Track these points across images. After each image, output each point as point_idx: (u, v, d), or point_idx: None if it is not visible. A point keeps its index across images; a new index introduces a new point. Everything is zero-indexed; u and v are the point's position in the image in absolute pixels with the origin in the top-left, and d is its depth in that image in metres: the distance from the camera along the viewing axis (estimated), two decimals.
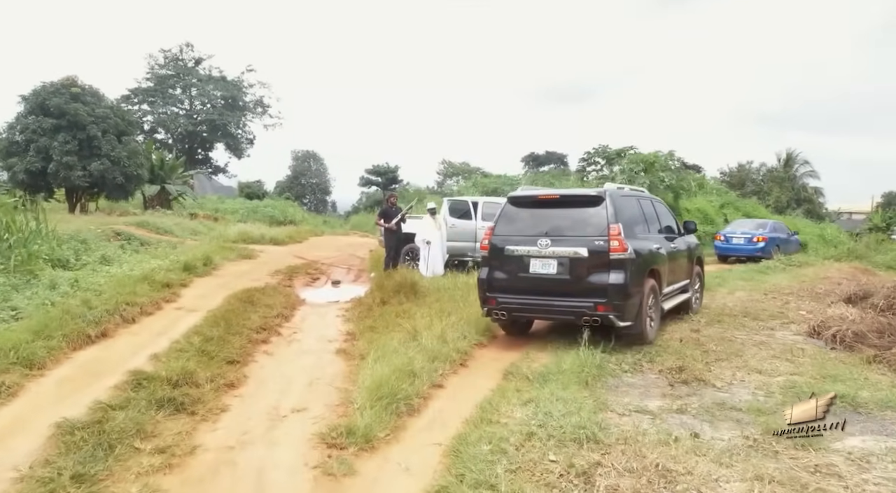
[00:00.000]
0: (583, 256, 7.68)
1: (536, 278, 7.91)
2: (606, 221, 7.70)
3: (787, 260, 18.81)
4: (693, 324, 9.65)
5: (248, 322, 8.72)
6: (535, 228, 8.04)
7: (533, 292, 7.98)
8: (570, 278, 7.75)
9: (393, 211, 13.99)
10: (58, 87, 27.30)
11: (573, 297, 7.74)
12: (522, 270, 7.99)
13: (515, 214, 8.39)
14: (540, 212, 8.33)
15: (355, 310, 10.18)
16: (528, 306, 8.08)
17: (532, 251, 7.91)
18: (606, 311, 7.56)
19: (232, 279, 13.11)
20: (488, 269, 8.34)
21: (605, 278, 7.58)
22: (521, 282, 8.02)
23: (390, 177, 56.65)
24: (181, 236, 20.42)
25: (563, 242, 7.79)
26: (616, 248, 7.58)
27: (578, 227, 7.89)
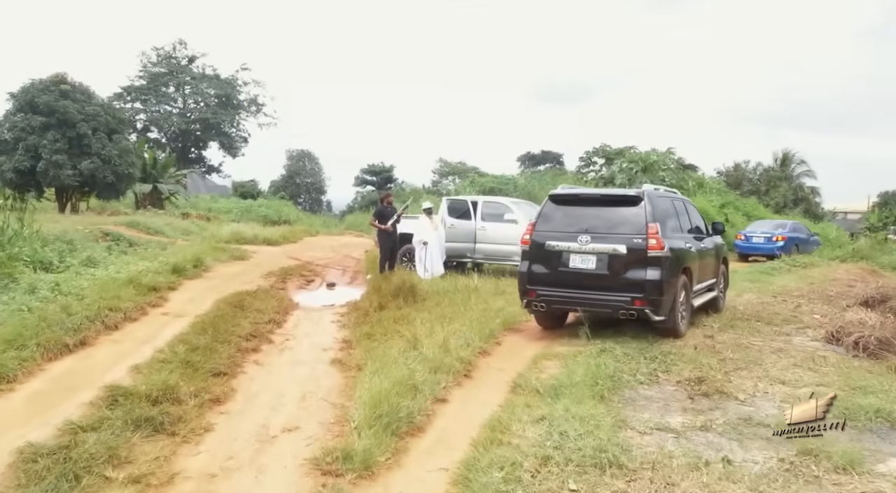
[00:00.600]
0: (621, 253, 7.99)
1: (576, 272, 8.22)
2: (645, 221, 8.01)
3: (791, 261, 18.36)
4: (706, 329, 9.17)
5: (238, 329, 8.19)
6: (575, 226, 8.36)
7: (572, 286, 8.27)
8: (609, 274, 8.06)
9: (388, 211, 13.47)
10: (47, 84, 26.69)
11: (611, 291, 8.06)
12: (562, 264, 8.31)
13: (556, 212, 8.72)
14: (580, 210, 8.65)
15: (351, 315, 9.66)
16: (567, 298, 8.37)
17: (572, 247, 8.22)
18: (643, 305, 7.85)
19: (223, 282, 12.58)
20: (528, 263, 8.63)
21: (643, 275, 7.88)
22: (560, 276, 8.32)
23: (385, 176, 56.07)
24: (172, 237, 19.85)
25: (603, 239, 8.10)
26: (654, 246, 7.88)
27: (617, 225, 8.21)
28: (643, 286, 7.85)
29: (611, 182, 24.41)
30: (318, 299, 11.70)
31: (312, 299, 11.68)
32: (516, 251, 13.85)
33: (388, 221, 13.26)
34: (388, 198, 14.00)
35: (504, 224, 13.87)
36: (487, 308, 9.96)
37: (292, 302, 10.89)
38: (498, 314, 9.42)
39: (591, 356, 7.30)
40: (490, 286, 12.16)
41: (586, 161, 27.35)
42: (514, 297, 11.19)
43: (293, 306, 10.61)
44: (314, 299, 11.69)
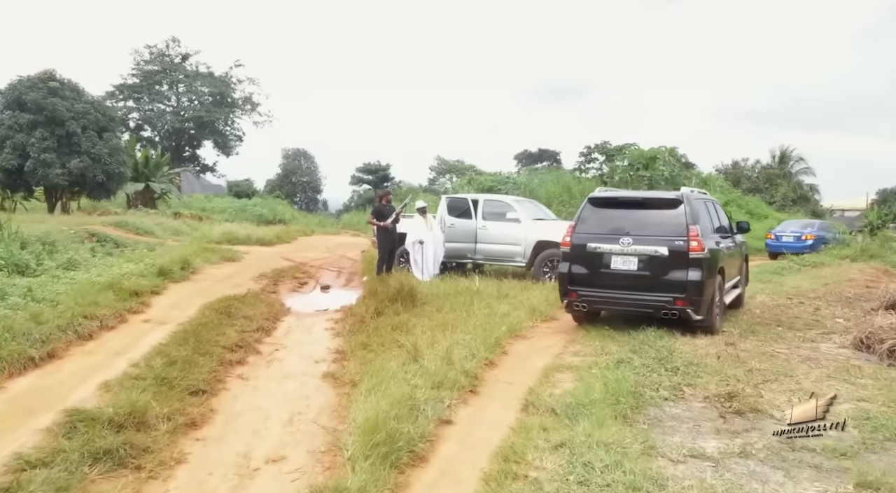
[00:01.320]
0: (663, 254, 8.12)
1: (617, 273, 8.33)
2: (685, 223, 8.14)
3: (800, 260, 17.74)
4: (726, 336, 8.51)
5: (223, 338, 7.50)
6: (616, 228, 8.47)
7: (613, 287, 8.39)
8: (650, 274, 8.18)
9: (387, 209, 12.79)
10: (35, 81, 25.91)
11: (652, 291, 8.18)
12: (604, 266, 8.41)
13: (596, 214, 8.80)
14: (619, 212, 8.79)
15: (346, 322, 8.98)
16: (608, 298, 8.53)
17: (614, 249, 8.32)
18: (684, 305, 8.00)
19: (211, 285, 11.90)
20: (569, 264, 8.70)
21: (684, 276, 8.02)
22: (602, 277, 8.42)
23: (382, 175, 55.42)
24: (162, 237, 19.15)
25: (645, 241, 8.21)
26: (695, 248, 8.02)
27: (659, 227, 8.33)
28: (685, 287, 8.00)
29: (611, 179, 23.76)
30: (311, 304, 11.01)
31: (305, 304, 10.99)
32: (519, 252, 13.25)
33: (386, 219, 12.58)
34: (387, 196, 13.32)
35: (506, 223, 13.20)
36: (491, 313, 9.30)
37: (283, 307, 10.20)
38: (503, 320, 8.77)
39: (607, 369, 6.65)
40: (492, 289, 11.50)
41: (586, 158, 26.66)
42: (518, 300, 10.56)
43: (284, 311, 9.91)
44: (307, 304, 11.00)
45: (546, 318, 9.67)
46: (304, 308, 10.51)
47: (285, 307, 10.18)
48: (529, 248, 12.95)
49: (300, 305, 10.86)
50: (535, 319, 9.43)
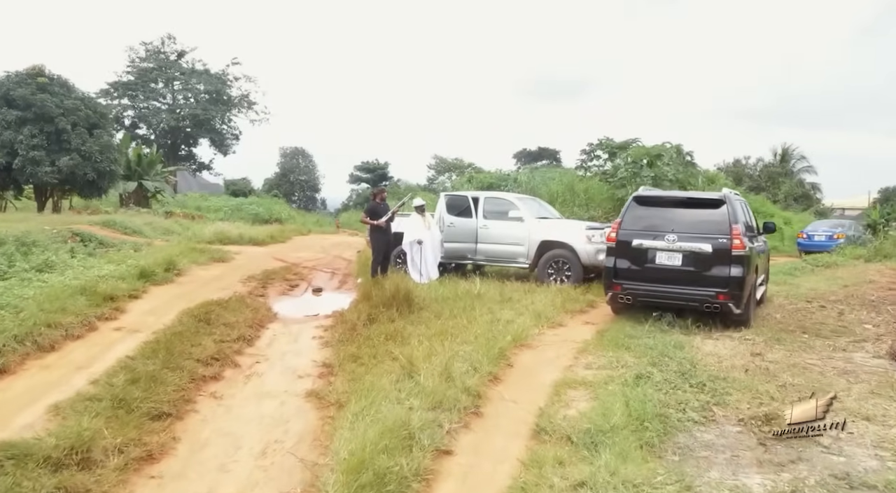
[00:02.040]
0: (707, 251, 8.44)
1: (662, 268, 8.68)
2: (728, 222, 8.49)
3: (813, 260, 16.98)
4: (751, 345, 7.76)
5: (198, 350, 6.74)
6: (661, 225, 8.79)
7: (657, 281, 8.71)
8: (694, 270, 8.52)
9: (382, 208, 12.01)
10: (23, 77, 25.11)
11: (695, 286, 8.49)
12: (649, 261, 8.78)
13: (641, 212, 9.12)
14: (663, 211, 9.12)
15: (336, 329, 8.21)
16: (653, 292, 8.76)
17: (659, 245, 8.67)
18: (726, 300, 8.30)
19: (196, 288, 11.14)
20: (614, 259, 9.03)
21: (727, 272, 8.35)
22: (646, 272, 8.77)
23: (380, 173, 54.60)
24: (151, 237, 18.35)
25: (689, 239, 8.55)
26: (737, 246, 8.35)
27: (703, 226, 8.66)
28: (727, 282, 8.32)
29: (613, 176, 22.93)
30: (300, 309, 10.24)
31: (294, 309, 10.22)
32: (522, 252, 12.48)
33: (381, 218, 11.82)
34: (382, 194, 12.52)
35: (508, 222, 12.42)
36: (494, 320, 8.55)
37: (270, 313, 9.42)
38: (507, 328, 8.01)
39: (625, 385, 5.90)
40: (494, 292, 10.74)
41: (588, 155, 25.77)
42: (522, 305, 9.81)
43: (270, 317, 9.14)
44: (296, 309, 10.24)
45: (553, 324, 8.91)
46: (293, 314, 9.74)
47: (272, 313, 9.41)
48: (533, 248, 12.18)
49: (288, 309, 10.10)
50: (541, 325, 8.68)
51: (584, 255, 11.71)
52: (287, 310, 10.04)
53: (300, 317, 9.53)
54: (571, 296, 10.64)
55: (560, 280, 11.81)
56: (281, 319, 9.21)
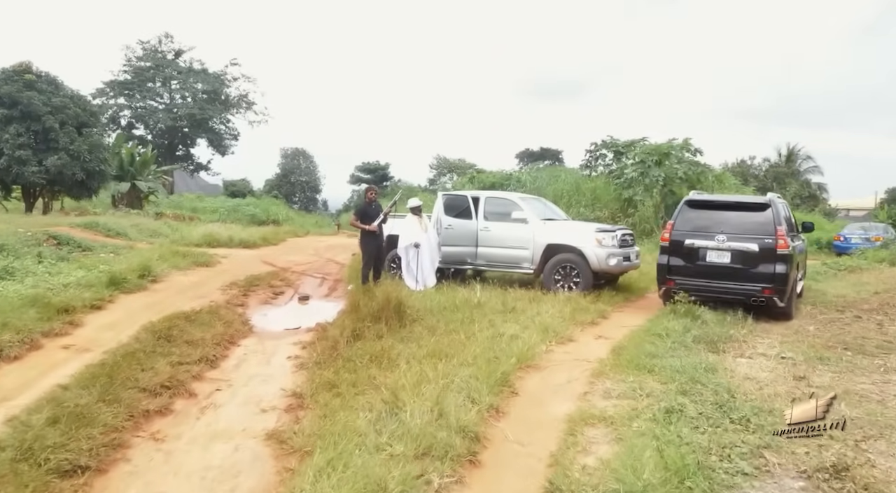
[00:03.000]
0: (754, 250, 9.16)
1: (712, 265, 9.42)
2: (773, 224, 9.21)
3: (834, 264, 15.89)
4: (791, 365, 6.70)
5: (147, 376, 5.68)
6: (711, 226, 9.54)
7: (708, 277, 9.43)
8: (742, 267, 9.24)
9: (372, 209, 10.95)
10: (10, 74, 24.10)
11: (743, 282, 9.23)
12: (700, 259, 9.52)
13: (692, 215, 9.86)
14: (713, 213, 9.80)
15: (316, 346, 7.13)
16: (703, 287, 9.41)
17: (710, 244, 9.42)
18: (771, 294, 9.00)
19: (170, 296, 10.11)
20: (667, 256, 9.79)
21: (772, 269, 9.04)
22: (698, 268, 9.51)
23: (381, 174, 53.73)
24: (135, 239, 17.30)
25: (738, 239, 9.28)
26: (781, 245, 9.07)
27: (750, 227, 9.35)
28: (773, 278, 9.03)
29: (620, 176, 21.84)
30: (281, 320, 9.17)
31: (274, 321, 9.15)
32: (527, 257, 11.40)
33: (372, 220, 10.76)
34: (372, 194, 11.45)
35: (511, 224, 11.34)
36: (496, 335, 7.50)
37: (245, 326, 8.34)
38: (511, 345, 6.96)
39: (654, 421, 4.84)
40: (496, 301, 9.68)
41: (593, 155, 24.72)
42: (527, 316, 8.75)
43: (245, 331, 8.05)
44: (277, 320, 9.16)
45: (562, 339, 7.85)
46: (272, 326, 8.67)
47: (247, 326, 8.33)
48: (538, 252, 11.10)
49: (268, 322, 9.03)
50: (549, 341, 7.62)
51: (594, 259, 10.64)
52: (266, 322, 8.98)
53: (280, 330, 8.46)
54: (581, 305, 9.58)
55: (568, 287, 10.74)
56: (257, 333, 8.14)
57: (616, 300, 10.59)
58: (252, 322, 8.77)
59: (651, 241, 19.12)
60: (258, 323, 8.76)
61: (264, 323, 8.89)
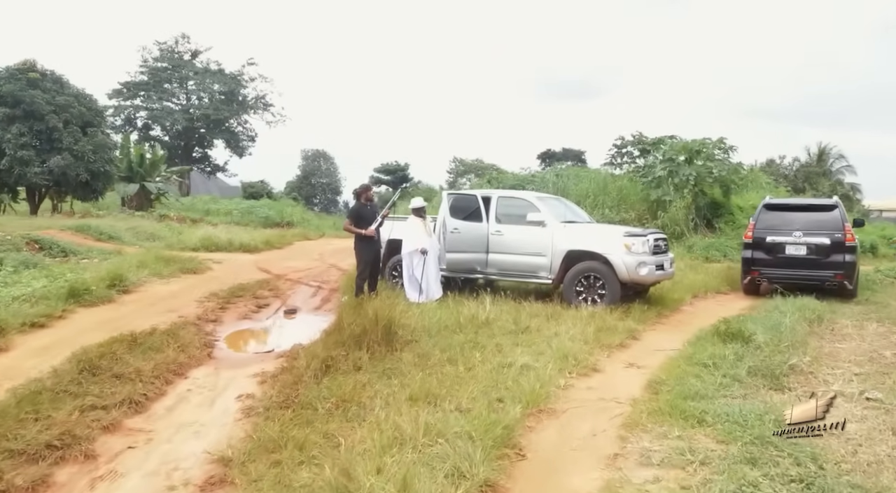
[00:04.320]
0: (826, 243, 10.90)
1: (790, 257, 11.06)
2: (841, 221, 11.03)
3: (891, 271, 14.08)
4: (882, 411, 5.09)
5: (35, 429, 4.25)
6: (788, 225, 11.23)
7: (787, 267, 11.06)
8: (816, 258, 10.94)
9: (368, 211, 9.50)
10: (13, 72, 23.09)
11: (817, 270, 10.93)
12: (780, 252, 11.13)
13: (770, 216, 11.51)
14: (788, 214, 11.49)
15: (277, 381, 5.67)
16: (783, 276, 11.08)
17: (788, 240, 11.08)
18: (842, 279, 10.80)
19: (136, 310, 8.78)
20: (751, 251, 11.38)
21: (842, 258, 10.83)
22: (778, 260, 11.12)
23: (400, 175, 52.42)
24: (128, 243, 16.06)
25: (812, 235, 11.01)
26: (849, 239, 10.87)
27: (821, 224, 11.09)
28: (843, 266, 10.74)
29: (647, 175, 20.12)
30: (253, 342, 7.75)
31: (244, 342, 7.74)
32: (544, 264, 9.86)
33: (368, 223, 9.31)
34: (368, 193, 9.98)
35: (527, 227, 9.81)
36: (503, 365, 6.01)
37: (205, 350, 6.87)
38: (521, 379, 5.47)
39: None
40: (507, 317, 8.19)
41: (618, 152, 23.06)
42: (543, 337, 7.24)
43: (201, 358, 6.60)
44: (247, 342, 7.75)
45: (584, 368, 6.32)
46: (238, 350, 7.24)
47: (208, 350, 6.87)
48: (558, 259, 9.57)
49: (237, 342, 7.61)
50: (568, 371, 6.10)
51: (623, 268, 9.07)
52: (234, 343, 7.56)
53: (247, 355, 7.03)
54: (607, 323, 8.03)
55: (591, 301, 9.20)
56: (216, 359, 6.69)
57: (648, 316, 9.01)
58: (217, 344, 7.34)
59: (682, 245, 17.43)
60: (224, 345, 7.32)
61: (231, 344, 7.46)
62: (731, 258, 17.32)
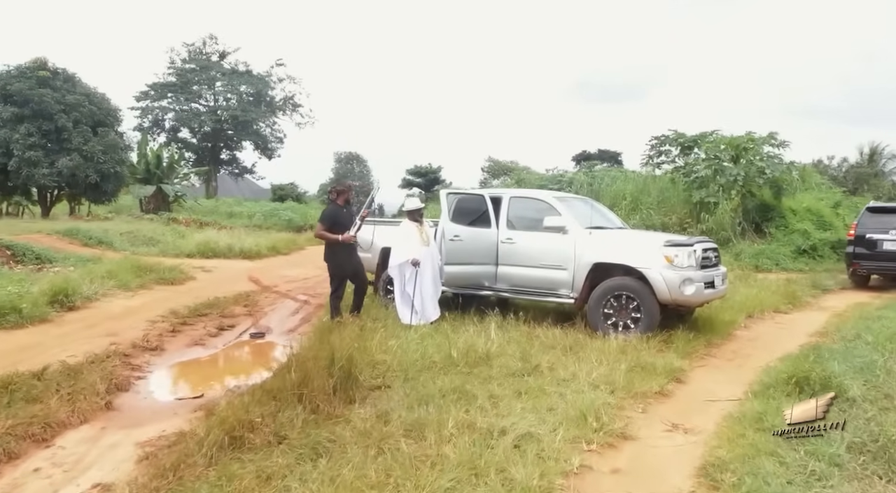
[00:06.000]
0: None
1: (886, 252, 12.42)
2: None
3: None
4: None
5: None
6: (885, 225, 12.59)
7: (884, 260, 12.54)
8: None
9: (345, 214, 7.73)
10: (23, 70, 22.03)
11: None
12: (877, 247, 12.52)
13: (871, 217, 13.00)
14: (886, 216, 12.92)
15: (161, 458, 3.91)
16: (881, 268, 12.81)
17: (885, 237, 12.41)
18: None
19: (69, 333, 7.23)
20: (853, 247, 12.79)
21: None
22: (876, 255, 12.56)
23: (432, 177, 50.70)
24: (120, 249, 14.63)
25: None
26: None
27: None
28: None
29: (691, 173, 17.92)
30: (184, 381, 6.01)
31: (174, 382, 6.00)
32: (565, 280, 7.89)
33: (345, 229, 7.55)
34: (346, 194, 8.14)
35: (544, 234, 7.90)
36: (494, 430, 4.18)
37: (105, 398, 5.08)
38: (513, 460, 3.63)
39: None
40: (514, 350, 6.33)
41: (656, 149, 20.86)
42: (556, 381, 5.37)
43: (93, 411, 4.83)
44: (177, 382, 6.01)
45: (609, 437, 4.41)
46: (158, 394, 5.50)
47: (109, 398, 5.11)
48: (582, 274, 7.64)
49: (164, 383, 5.88)
50: (586, 441, 4.23)
51: (663, 286, 7.10)
52: (162, 383, 5.83)
53: (165, 402, 5.28)
54: (642, 360, 6.10)
55: (623, 327, 7.26)
56: (114, 412, 4.93)
57: (694, 347, 7.02)
58: (136, 385, 5.62)
59: (728, 252, 15.20)
60: (146, 387, 5.60)
61: (157, 386, 5.74)
62: (784, 268, 15.14)
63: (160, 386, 5.71)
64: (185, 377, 6.17)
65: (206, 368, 6.55)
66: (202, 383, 5.79)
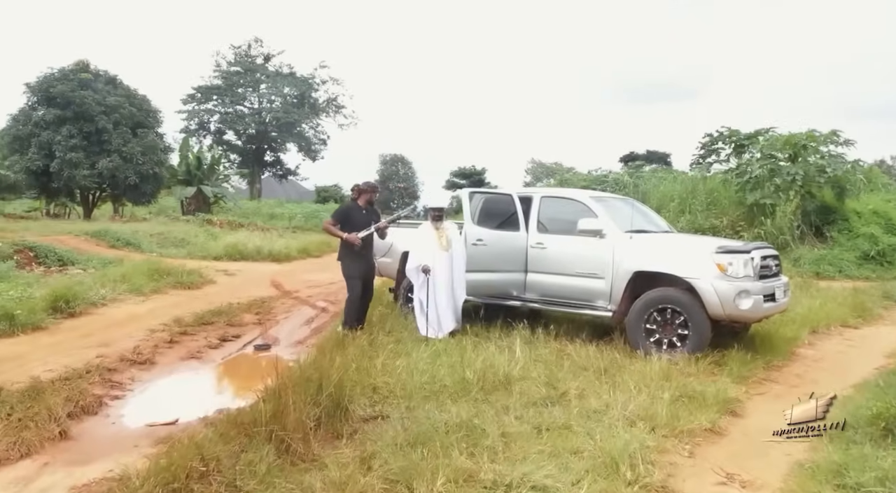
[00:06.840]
0: None
1: None
2: None
3: None
4: None
5: None
6: None
7: None
8: None
9: (363, 215, 6.96)
10: (66, 73, 22.07)
11: None
12: None
13: None
14: None
15: None
16: None
17: None
18: None
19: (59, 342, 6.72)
20: None
21: None
22: None
23: (477, 179, 49.83)
24: (147, 250, 14.24)
25: None
26: None
27: None
28: None
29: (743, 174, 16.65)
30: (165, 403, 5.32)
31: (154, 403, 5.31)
32: (602, 290, 6.91)
33: (358, 228, 6.79)
34: (372, 194, 7.29)
35: (579, 238, 6.99)
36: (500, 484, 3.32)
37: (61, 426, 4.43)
38: None
39: None
40: (540, 370, 5.46)
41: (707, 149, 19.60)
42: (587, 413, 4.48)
43: (41, 441, 4.11)
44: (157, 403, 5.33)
45: (647, 490, 3.51)
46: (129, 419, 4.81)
47: (64, 426, 4.44)
48: (621, 283, 6.71)
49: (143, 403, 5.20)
50: None
51: (714, 299, 6.12)
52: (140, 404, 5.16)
53: (132, 428, 4.59)
54: (689, 387, 5.15)
55: (668, 345, 6.31)
56: (67, 442, 4.24)
57: (751, 369, 6.02)
58: (110, 406, 4.96)
59: (786, 258, 13.90)
60: (110, 412, 4.92)
61: (134, 407, 5.06)
62: (848, 275, 13.84)
63: (134, 409, 5.03)
64: (166, 398, 5.48)
65: (192, 386, 5.87)
66: (182, 405, 5.08)
